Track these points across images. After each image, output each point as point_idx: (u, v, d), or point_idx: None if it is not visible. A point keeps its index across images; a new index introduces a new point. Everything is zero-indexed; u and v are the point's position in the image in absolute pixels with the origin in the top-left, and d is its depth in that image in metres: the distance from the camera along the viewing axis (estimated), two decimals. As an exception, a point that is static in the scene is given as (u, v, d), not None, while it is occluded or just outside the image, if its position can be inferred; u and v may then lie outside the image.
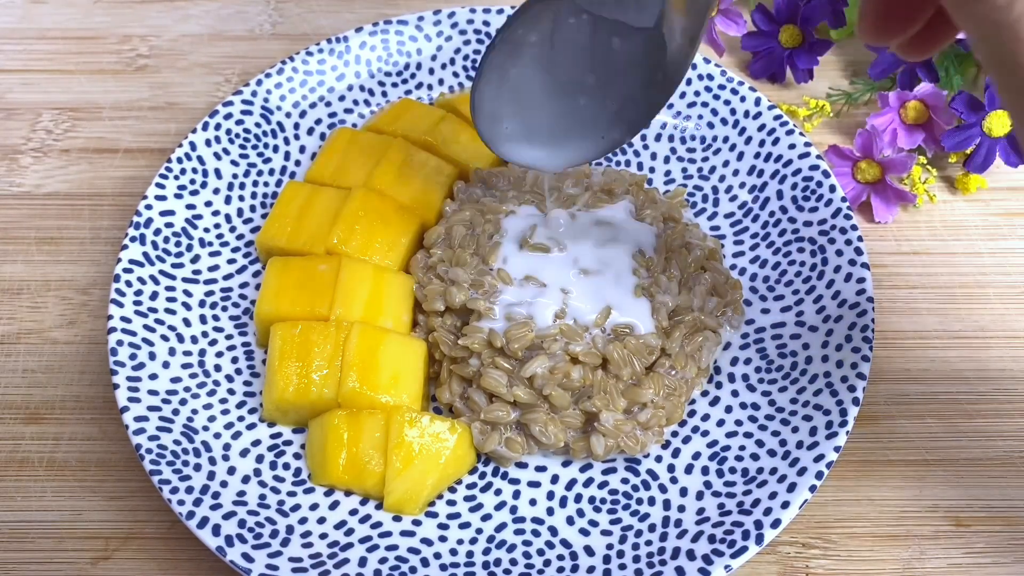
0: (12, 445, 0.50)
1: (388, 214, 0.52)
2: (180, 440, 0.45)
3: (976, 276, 0.56)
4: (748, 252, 0.54)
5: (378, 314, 0.49)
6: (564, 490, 0.46)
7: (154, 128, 0.63)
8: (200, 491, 0.43)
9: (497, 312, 0.47)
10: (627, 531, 0.45)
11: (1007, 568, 0.46)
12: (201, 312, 0.51)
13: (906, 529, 0.47)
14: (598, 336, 0.46)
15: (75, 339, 0.53)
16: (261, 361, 0.50)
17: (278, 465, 0.46)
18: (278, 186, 0.56)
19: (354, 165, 0.54)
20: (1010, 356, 0.53)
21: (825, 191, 0.53)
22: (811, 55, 0.63)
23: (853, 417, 0.45)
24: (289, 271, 0.49)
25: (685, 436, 0.48)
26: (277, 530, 0.43)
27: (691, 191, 0.57)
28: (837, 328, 0.49)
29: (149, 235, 0.51)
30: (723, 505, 0.44)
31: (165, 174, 0.53)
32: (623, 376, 0.46)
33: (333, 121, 0.59)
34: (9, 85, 0.65)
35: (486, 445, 0.46)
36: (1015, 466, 0.49)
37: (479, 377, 0.47)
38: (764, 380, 0.49)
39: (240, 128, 0.56)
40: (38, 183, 0.60)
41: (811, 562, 0.46)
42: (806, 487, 0.43)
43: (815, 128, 0.63)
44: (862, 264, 0.50)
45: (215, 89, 0.65)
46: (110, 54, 0.67)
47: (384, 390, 0.46)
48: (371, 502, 0.45)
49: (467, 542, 0.45)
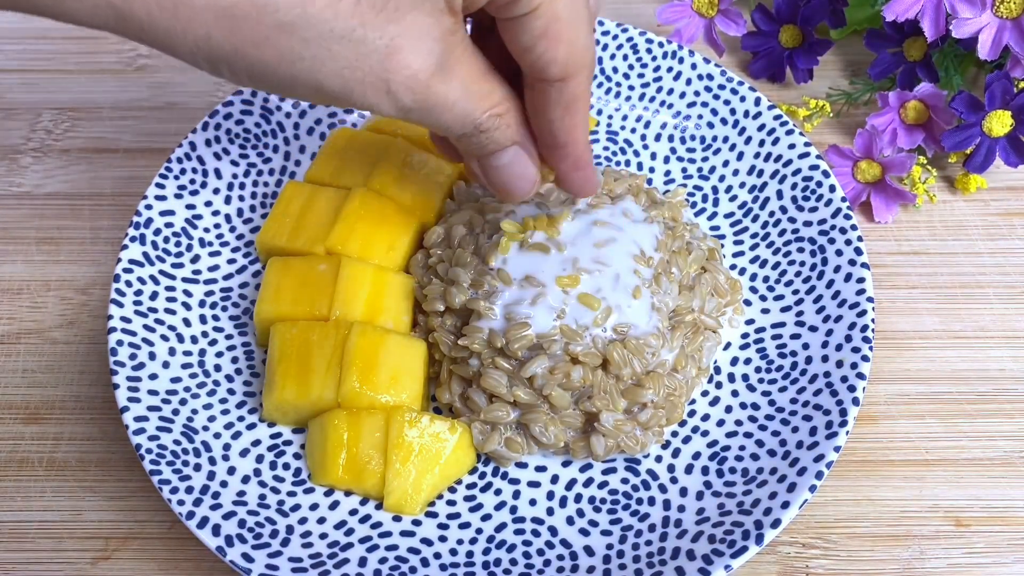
0: (12, 445, 0.50)
1: (388, 214, 0.52)
2: (180, 440, 0.45)
3: (976, 276, 0.56)
4: (748, 252, 0.54)
5: (378, 314, 0.49)
6: (564, 490, 0.46)
7: (154, 128, 0.63)
8: (200, 491, 0.43)
9: (497, 312, 0.47)
10: (627, 531, 0.45)
11: (1007, 568, 0.46)
12: (201, 312, 0.51)
13: (906, 529, 0.47)
14: (598, 336, 0.46)
15: (75, 339, 0.53)
16: (261, 361, 0.50)
17: (278, 465, 0.46)
18: (278, 186, 0.56)
19: (354, 165, 0.54)
20: (1010, 356, 0.53)
21: (825, 191, 0.53)
22: (811, 55, 0.63)
23: (853, 417, 0.45)
24: (289, 271, 0.49)
25: (685, 436, 0.48)
26: (277, 530, 0.43)
27: (691, 191, 0.57)
28: (837, 328, 0.49)
29: (149, 235, 0.51)
30: (723, 505, 0.44)
31: (165, 174, 0.53)
32: (623, 376, 0.46)
33: (333, 121, 0.59)
34: (9, 85, 0.65)
35: (486, 445, 0.46)
36: (1015, 466, 0.49)
37: (479, 377, 0.47)
38: (764, 380, 0.49)
39: (240, 128, 0.56)
40: (38, 183, 0.60)
41: (811, 562, 0.46)
42: (806, 487, 0.43)
43: (815, 128, 0.63)
44: (862, 264, 0.50)
45: (215, 89, 0.65)
46: (110, 54, 0.67)
47: (384, 390, 0.46)
48: (371, 502, 0.45)
49: (467, 542, 0.45)
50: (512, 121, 0.40)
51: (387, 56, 0.34)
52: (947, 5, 0.54)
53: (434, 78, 0.35)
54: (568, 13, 0.36)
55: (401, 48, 0.34)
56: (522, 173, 0.42)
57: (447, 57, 0.35)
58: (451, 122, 0.37)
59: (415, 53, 0.34)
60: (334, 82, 0.34)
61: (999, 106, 0.56)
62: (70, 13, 0.31)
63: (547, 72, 0.37)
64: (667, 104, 0.59)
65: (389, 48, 0.34)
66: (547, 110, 0.39)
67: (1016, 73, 0.56)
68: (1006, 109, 0.56)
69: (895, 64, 0.61)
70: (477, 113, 0.38)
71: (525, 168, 0.42)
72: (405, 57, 0.34)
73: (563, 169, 0.42)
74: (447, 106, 0.36)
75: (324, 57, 0.33)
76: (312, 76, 0.34)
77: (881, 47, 0.61)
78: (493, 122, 0.39)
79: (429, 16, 0.34)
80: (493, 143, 0.40)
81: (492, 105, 0.38)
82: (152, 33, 0.31)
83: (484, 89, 0.38)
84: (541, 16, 0.36)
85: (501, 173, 0.41)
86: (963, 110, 0.56)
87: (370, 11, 0.33)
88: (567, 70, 0.37)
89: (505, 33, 0.37)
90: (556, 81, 0.38)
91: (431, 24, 0.34)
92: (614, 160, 0.58)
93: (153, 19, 0.31)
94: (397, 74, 0.34)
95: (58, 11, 0.30)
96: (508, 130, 0.40)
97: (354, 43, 0.33)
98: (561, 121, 0.39)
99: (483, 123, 0.38)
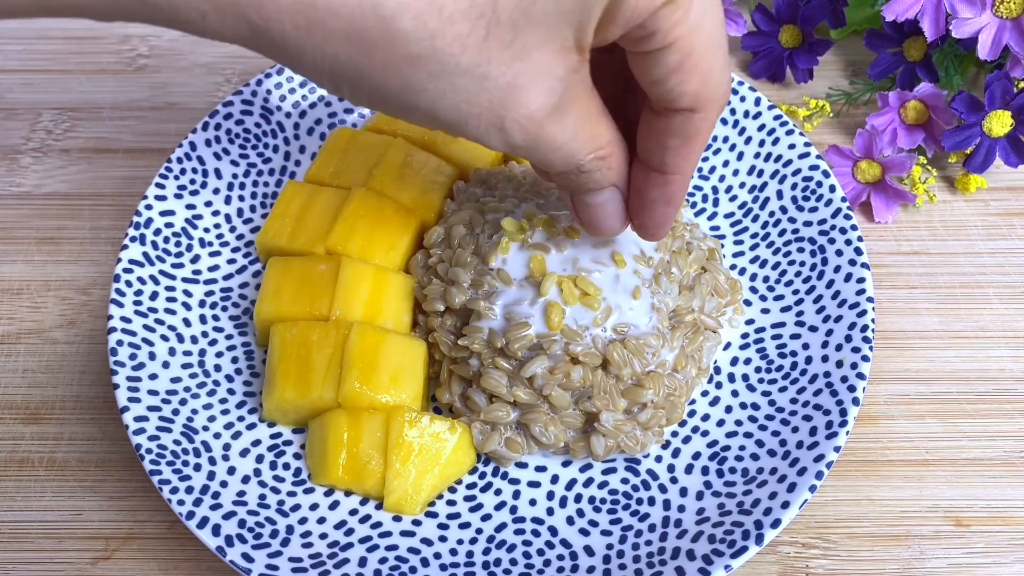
0: (12, 445, 0.50)
1: (388, 214, 0.52)
2: (180, 440, 0.45)
3: (976, 276, 0.56)
4: (748, 252, 0.54)
5: (378, 314, 0.49)
6: (564, 490, 0.46)
7: (154, 128, 0.63)
8: (200, 491, 0.43)
9: (497, 312, 0.47)
10: (627, 531, 0.45)
11: (1007, 568, 0.46)
12: (201, 312, 0.51)
13: (906, 529, 0.47)
14: (598, 336, 0.46)
15: (75, 339, 0.53)
16: (261, 361, 0.50)
17: (278, 465, 0.46)
18: (278, 186, 0.56)
19: (354, 165, 0.54)
20: (1010, 356, 0.53)
21: (825, 191, 0.53)
22: (811, 55, 0.63)
23: (853, 417, 0.45)
24: (289, 271, 0.49)
25: (685, 436, 0.48)
26: (277, 530, 0.43)
27: (691, 191, 0.57)
28: (837, 328, 0.49)
29: (149, 235, 0.51)
30: (723, 505, 0.44)
31: (165, 174, 0.53)
32: (623, 376, 0.46)
33: (333, 121, 0.59)
34: (9, 85, 0.65)
35: (486, 445, 0.46)
36: (1015, 466, 0.49)
37: (479, 377, 0.47)
38: (764, 380, 0.49)
39: (240, 128, 0.56)
40: (38, 183, 0.60)
41: (811, 562, 0.46)
42: (806, 487, 0.43)
43: (815, 128, 0.63)
44: (862, 264, 0.50)
45: (215, 89, 0.65)
46: (110, 54, 0.67)
47: (384, 390, 0.46)
48: (371, 502, 0.45)
49: (467, 542, 0.45)
50: (615, 164, 0.39)
51: (508, 94, 0.33)
52: (947, 5, 0.54)
53: (549, 118, 0.34)
54: (705, 46, 0.34)
55: (522, 87, 0.33)
56: (614, 214, 0.41)
57: (565, 96, 0.34)
58: (556, 161, 0.37)
59: (535, 93, 0.33)
60: (450, 114, 0.33)
61: (999, 106, 0.56)
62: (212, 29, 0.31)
63: (676, 104, 0.36)
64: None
65: (511, 86, 0.33)
66: (665, 137, 0.37)
67: (1016, 73, 0.56)
68: (1006, 109, 0.56)
69: (895, 64, 0.61)
70: (582, 154, 0.37)
71: (617, 210, 0.41)
72: (525, 96, 0.33)
73: (652, 198, 0.40)
74: (556, 146, 0.36)
75: (446, 90, 0.32)
76: (431, 107, 0.33)
77: (881, 47, 0.61)
78: (596, 164, 0.38)
79: (555, 54, 0.33)
80: (593, 183, 0.39)
81: (598, 148, 0.37)
82: (283, 49, 0.31)
83: (594, 131, 0.37)
84: (678, 51, 0.34)
85: (592, 211, 0.41)
86: (963, 110, 0.56)
87: (498, 47, 0.32)
88: (697, 103, 0.36)
89: (636, 66, 0.36)
90: (683, 111, 0.36)
91: (555, 62, 0.33)
92: (614, 160, 0.58)
93: (286, 37, 0.31)
94: (514, 111, 0.33)
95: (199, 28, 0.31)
96: (609, 173, 0.39)
97: (477, 79, 0.32)
98: (676, 150, 0.38)
99: (585, 164, 0.37)
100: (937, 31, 0.55)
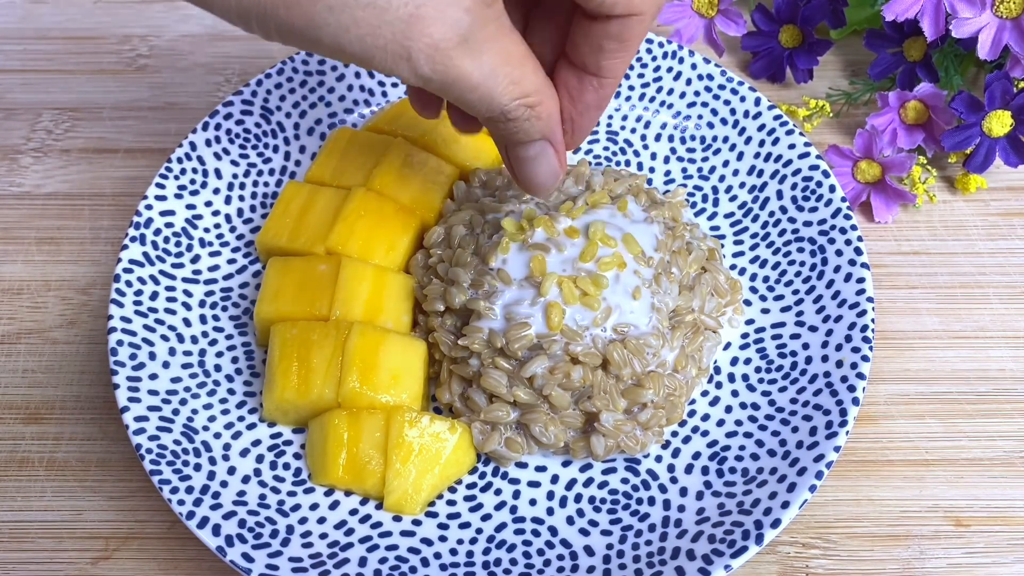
0: (12, 445, 0.50)
1: (388, 214, 0.52)
2: (180, 440, 0.45)
3: (976, 276, 0.56)
4: (748, 252, 0.54)
5: (378, 314, 0.49)
6: (564, 490, 0.46)
7: (154, 128, 0.63)
8: (200, 491, 0.43)
9: (497, 312, 0.47)
10: (627, 531, 0.45)
11: (1007, 568, 0.46)
12: (201, 312, 0.51)
13: (906, 529, 0.47)
14: (598, 336, 0.46)
15: (75, 339, 0.53)
16: (261, 361, 0.50)
17: (278, 465, 0.46)
18: (278, 186, 0.56)
19: (354, 165, 0.54)
20: (1010, 356, 0.53)
21: (825, 191, 0.53)
22: (811, 55, 0.63)
23: (853, 417, 0.45)
24: (289, 271, 0.49)
25: (685, 436, 0.48)
26: (277, 530, 0.43)
27: (691, 191, 0.57)
28: (837, 328, 0.49)
29: (149, 235, 0.51)
30: (723, 505, 0.44)
31: (165, 174, 0.53)
32: (623, 376, 0.46)
33: (333, 121, 0.59)
34: (9, 85, 0.65)
35: (486, 445, 0.46)
36: (1015, 466, 0.49)
37: (479, 377, 0.47)
38: (764, 380, 0.49)
39: (240, 128, 0.56)
40: (38, 183, 0.60)
41: (811, 562, 0.46)
42: (806, 487, 0.43)
43: (815, 128, 0.63)
44: (862, 264, 0.50)
45: (215, 89, 0.65)
46: (110, 54, 0.67)
47: (384, 390, 0.46)
48: (371, 502, 0.45)
49: (467, 542, 0.45)
50: (544, 114, 0.39)
51: (409, 24, 0.33)
52: (947, 5, 0.54)
53: (457, 50, 0.34)
54: None
55: (424, 17, 0.33)
56: (547, 169, 0.41)
57: (476, 32, 0.34)
58: (474, 102, 0.36)
59: (439, 22, 0.33)
60: (355, 47, 0.34)
61: (999, 106, 0.56)
62: None
63: (615, 10, 0.36)
64: (667, 104, 0.59)
65: (412, 16, 0.33)
66: (604, 41, 0.37)
67: (1016, 73, 0.56)
68: (1006, 109, 0.56)
69: (895, 64, 0.61)
70: (504, 99, 0.37)
71: (551, 164, 0.41)
72: (428, 26, 0.33)
73: (588, 103, 0.40)
74: (470, 84, 0.35)
75: (348, 24, 0.33)
76: (335, 40, 0.34)
77: (881, 47, 0.61)
78: (523, 112, 0.38)
79: None
80: (522, 133, 0.39)
81: (523, 94, 0.37)
82: None
83: (516, 75, 0.36)
84: None
85: (524, 165, 0.41)
86: (963, 110, 0.56)
87: None
88: (634, 7, 0.36)
89: None
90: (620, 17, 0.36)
91: None
92: (614, 160, 0.58)
93: None
94: (418, 41, 0.34)
95: None
96: (539, 123, 0.39)
97: (378, 10, 0.33)
98: (613, 53, 0.38)
99: (511, 111, 0.37)
100: (937, 31, 0.55)
